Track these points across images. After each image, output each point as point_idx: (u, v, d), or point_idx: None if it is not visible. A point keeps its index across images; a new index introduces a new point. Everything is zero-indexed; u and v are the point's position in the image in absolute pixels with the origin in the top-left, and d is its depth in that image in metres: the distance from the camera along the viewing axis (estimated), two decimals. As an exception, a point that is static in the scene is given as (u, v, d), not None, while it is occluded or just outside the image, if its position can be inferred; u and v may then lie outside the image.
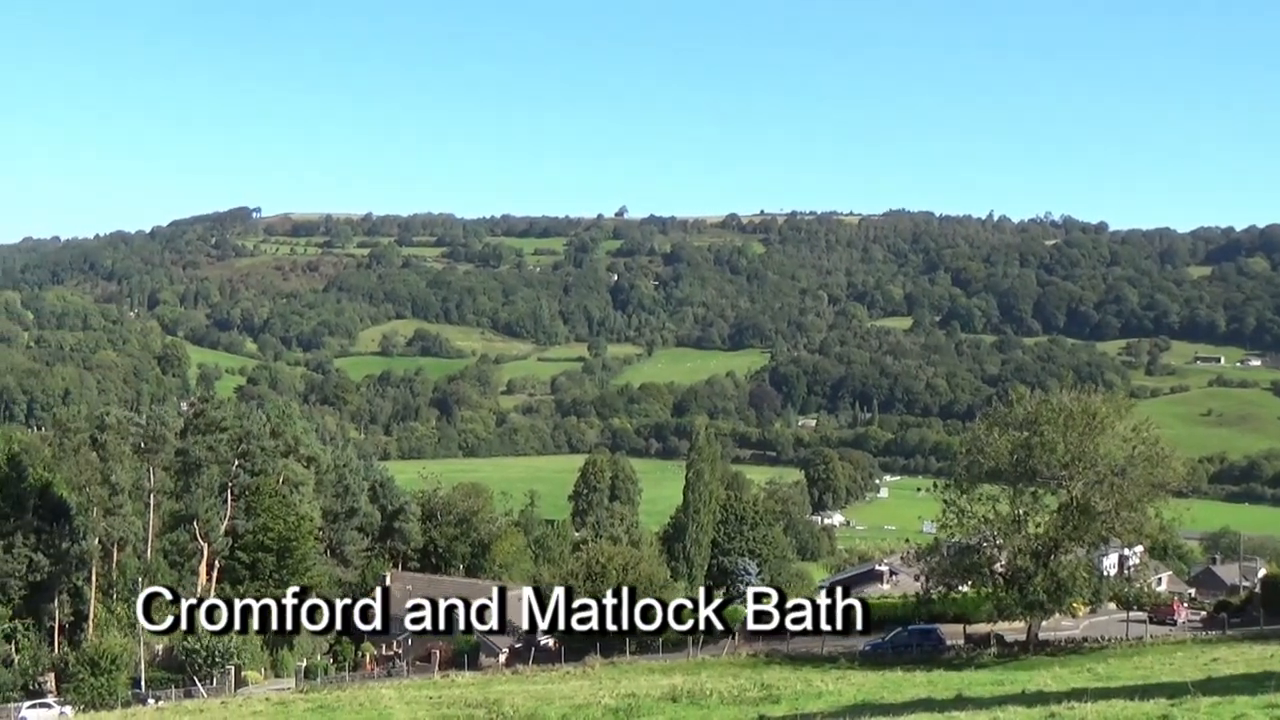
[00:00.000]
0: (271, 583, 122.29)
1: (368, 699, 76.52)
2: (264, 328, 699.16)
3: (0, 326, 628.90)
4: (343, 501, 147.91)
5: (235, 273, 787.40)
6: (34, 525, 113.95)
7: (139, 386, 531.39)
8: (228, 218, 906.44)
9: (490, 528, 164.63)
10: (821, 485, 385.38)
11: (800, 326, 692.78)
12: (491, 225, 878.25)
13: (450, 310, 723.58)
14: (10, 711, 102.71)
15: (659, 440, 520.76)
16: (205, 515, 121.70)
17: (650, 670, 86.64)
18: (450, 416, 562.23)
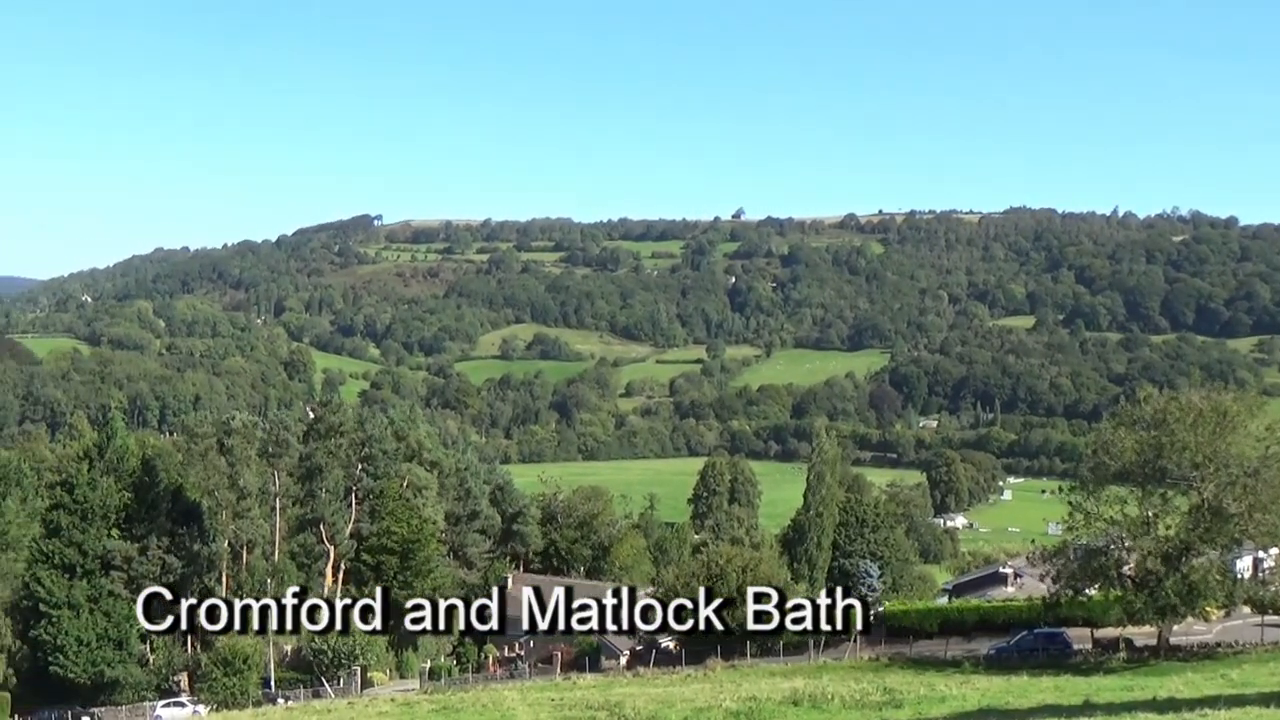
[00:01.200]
0: (395, 584, 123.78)
1: (491, 700, 77.12)
2: (386, 333, 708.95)
3: (134, 334, 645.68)
4: (464, 504, 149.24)
5: (358, 279, 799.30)
6: (167, 528, 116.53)
7: (266, 392, 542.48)
8: (350, 226, 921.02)
9: (610, 530, 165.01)
10: (943, 487, 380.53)
11: (920, 326, 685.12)
12: (609, 229, 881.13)
13: (569, 314, 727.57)
14: (146, 710, 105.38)
15: (778, 442, 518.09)
16: (331, 518, 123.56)
17: (771, 673, 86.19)
18: (569, 419, 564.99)
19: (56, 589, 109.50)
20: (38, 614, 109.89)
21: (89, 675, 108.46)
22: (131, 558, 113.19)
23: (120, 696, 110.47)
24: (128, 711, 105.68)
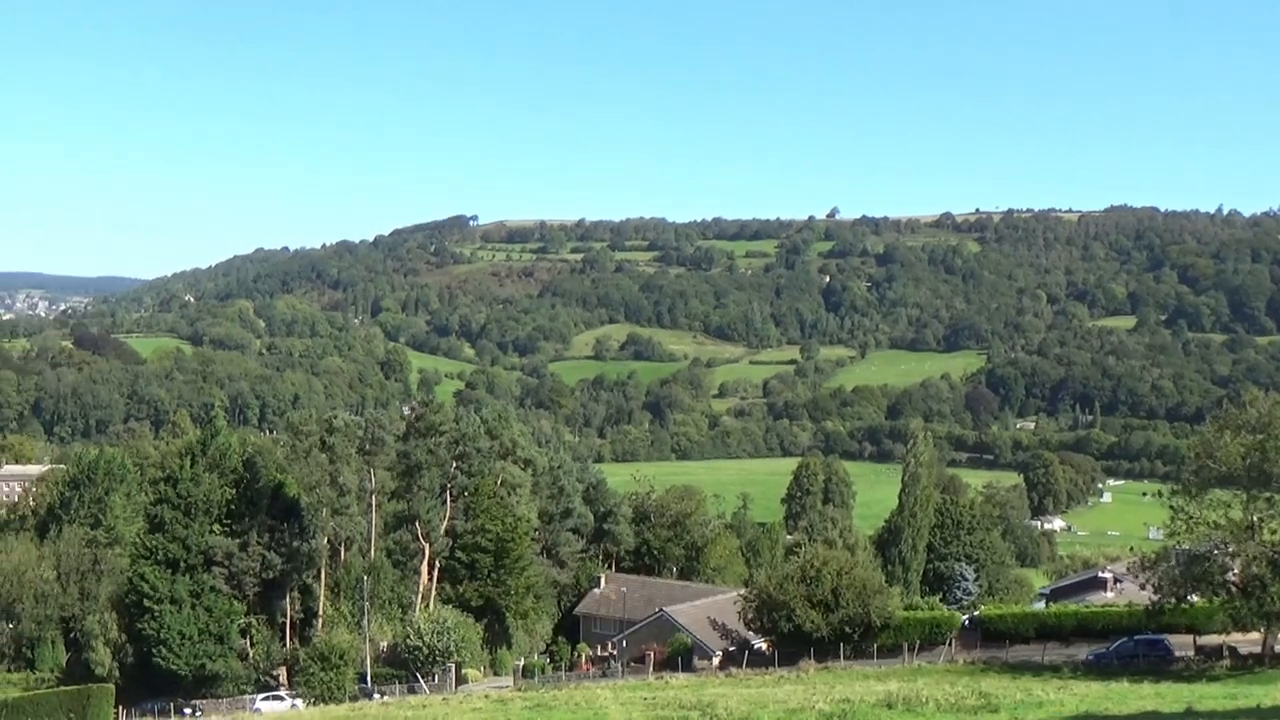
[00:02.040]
0: (489, 582, 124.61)
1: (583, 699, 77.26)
2: (481, 333, 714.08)
3: (235, 334, 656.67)
4: (558, 503, 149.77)
5: (453, 280, 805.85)
6: (267, 524, 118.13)
7: (363, 391, 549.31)
8: (446, 226, 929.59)
9: (703, 530, 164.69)
10: (1041, 489, 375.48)
11: (1018, 327, 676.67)
12: (703, 228, 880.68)
13: (662, 314, 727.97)
14: (245, 703, 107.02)
15: (872, 443, 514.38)
16: (426, 516, 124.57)
17: (865, 676, 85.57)
18: (662, 419, 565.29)
19: (160, 584, 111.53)
20: (141, 608, 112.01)
21: (191, 668, 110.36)
22: (232, 553, 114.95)
23: (220, 690, 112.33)
24: (228, 704, 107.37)
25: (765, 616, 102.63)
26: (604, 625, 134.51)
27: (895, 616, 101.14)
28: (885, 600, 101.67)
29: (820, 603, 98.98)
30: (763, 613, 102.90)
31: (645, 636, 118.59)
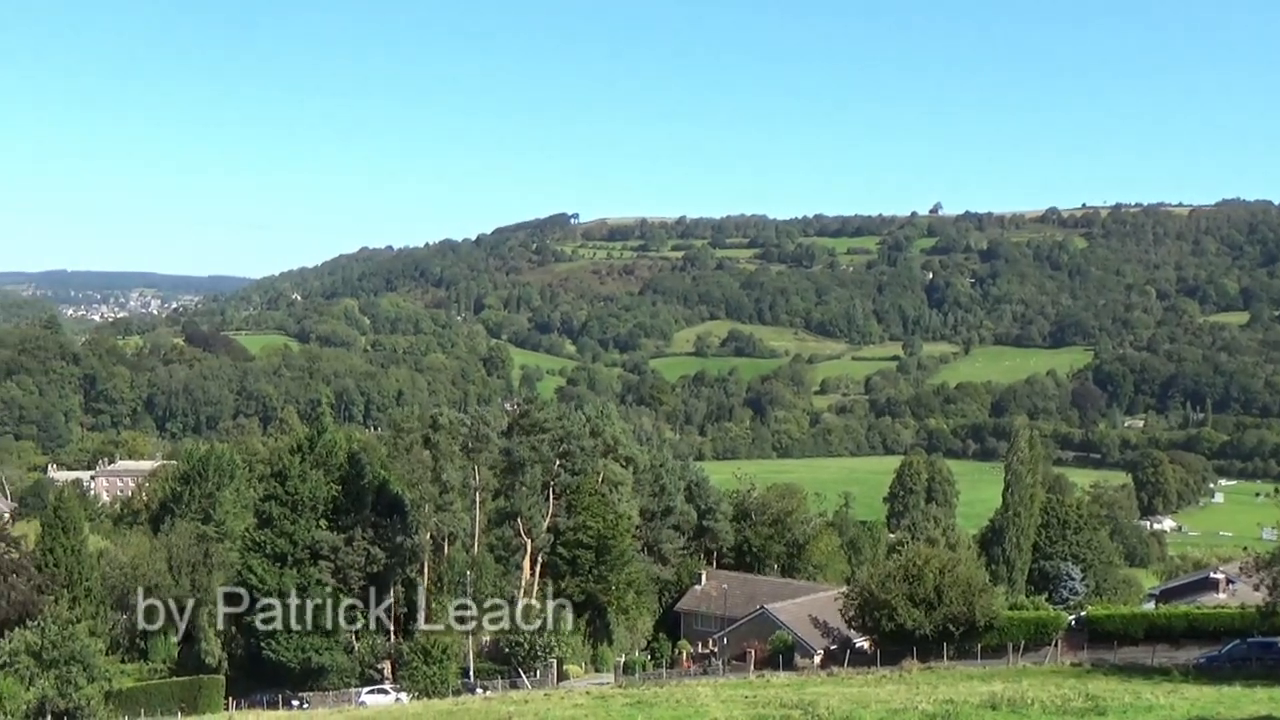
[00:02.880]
0: (591, 579, 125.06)
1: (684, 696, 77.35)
2: (582, 330, 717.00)
3: (340, 331, 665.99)
4: (659, 500, 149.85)
5: (555, 277, 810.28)
6: (371, 520, 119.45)
7: (466, 388, 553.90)
8: (547, 224, 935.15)
9: (804, 528, 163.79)
10: (1150, 489, 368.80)
11: (1126, 323, 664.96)
12: (804, 225, 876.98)
13: (763, 310, 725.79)
14: (351, 696, 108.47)
15: (976, 441, 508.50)
16: (528, 512, 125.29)
17: (969, 677, 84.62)
18: (764, 416, 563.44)
19: (268, 577, 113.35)
20: (251, 601, 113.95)
21: (298, 661, 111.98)
22: (338, 548, 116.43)
23: (327, 682, 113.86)
24: (334, 697, 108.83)
25: (867, 615, 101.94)
26: (705, 622, 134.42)
27: (999, 616, 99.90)
28: (989, 599, 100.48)
29: (923, 601, 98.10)
30: (864, 611, 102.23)
31: (746, 634, 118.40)
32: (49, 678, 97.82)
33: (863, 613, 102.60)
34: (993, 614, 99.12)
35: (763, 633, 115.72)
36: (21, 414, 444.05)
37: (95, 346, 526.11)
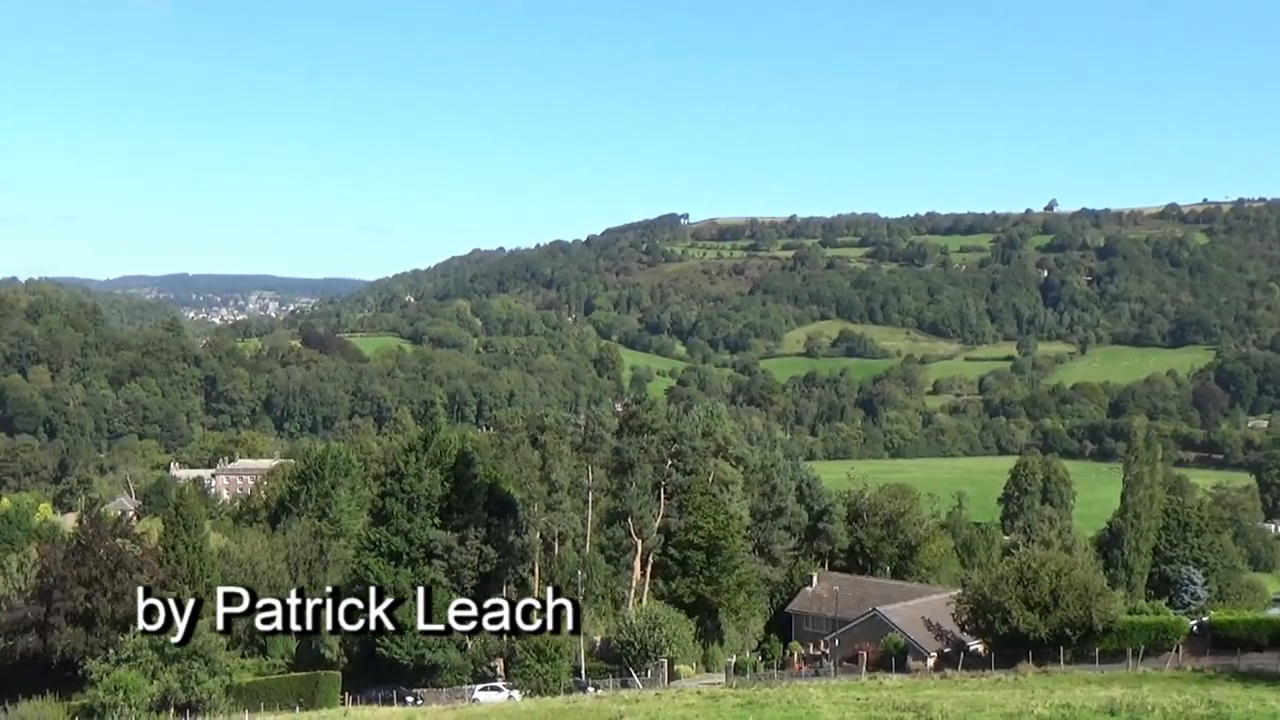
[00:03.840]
0: (702, 579, 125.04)
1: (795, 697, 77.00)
2: (692, 330, 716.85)
3: (453, 333, 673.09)
4: (770, 501, 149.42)
5: (665, 278, 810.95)
6: (483, 519, 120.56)
7: (576, 388, 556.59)
8: (657, 224, 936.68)
9: (917, 530, 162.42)
10: (1276, 491, 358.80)
11: (1249, 321, 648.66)
12: (916, 223, 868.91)
13: (875, 310, 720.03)
14: (464, 693, 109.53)
15: (1093, 442, 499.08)
16: (639, 512, 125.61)
17: (1086, 681, 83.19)
18: (875, 417, 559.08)
19: (384, 575, 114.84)
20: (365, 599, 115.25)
21: (412, 658, 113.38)
22: (451, 547, 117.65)
23: (440, 679, 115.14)
24: (447, 694, 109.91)
25: (980, 617, 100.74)
26: (816, 624, 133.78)
27: (1118, 620, 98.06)
28: (1107, 603, 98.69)
29: (1038, 604, 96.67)
30: (978, 614, 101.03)
31: (858, 636, 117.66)
32: (172, 671, 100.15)
33: (976, 615, 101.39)
34: (1110, 618, 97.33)
35: (874, 635, 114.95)
36: (145, 414, 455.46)
37: (216, 348, 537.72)
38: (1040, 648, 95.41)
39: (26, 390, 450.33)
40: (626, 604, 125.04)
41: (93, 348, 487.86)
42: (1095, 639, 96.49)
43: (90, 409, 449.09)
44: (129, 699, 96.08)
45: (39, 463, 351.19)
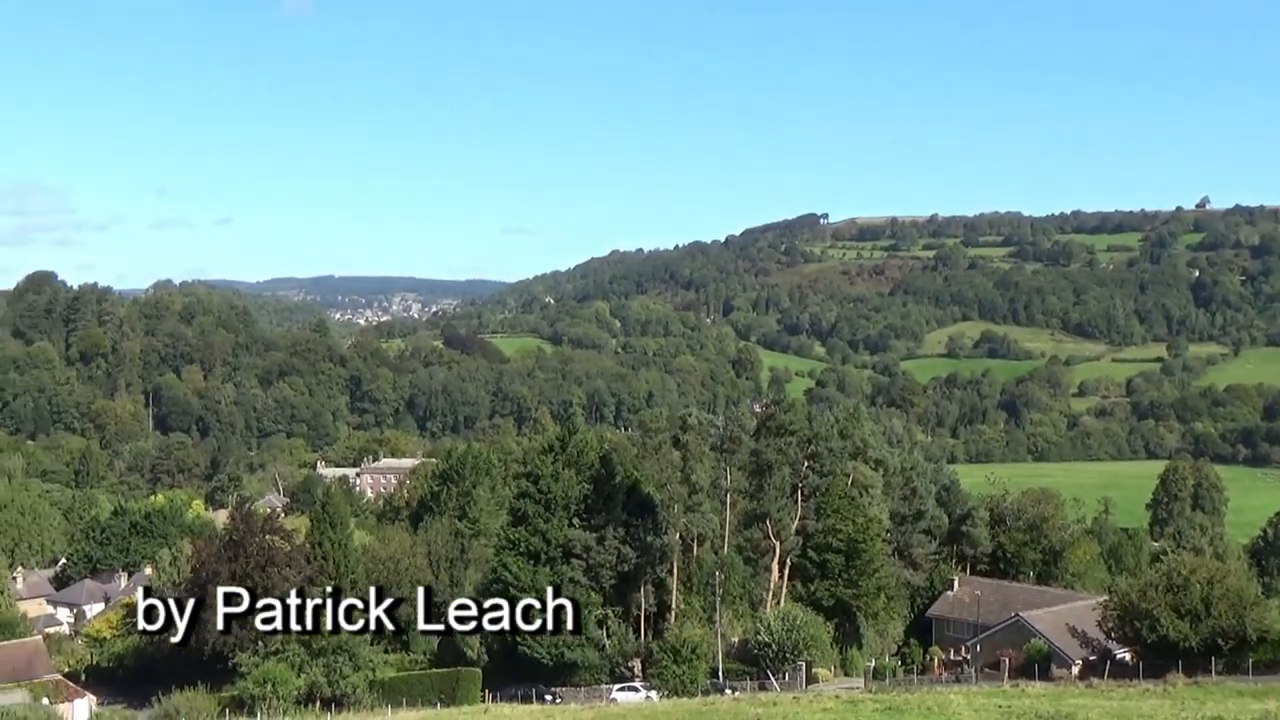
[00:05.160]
0: (840, 582, 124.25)
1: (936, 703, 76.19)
2: (831, 331, 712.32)
3: (592, 334, 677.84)
4: (910, 504, 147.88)
5: (804, 278, 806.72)
6: (622, 519, 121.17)
7: (715, 390, 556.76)
8: (796, 225, 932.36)
9: (1061, 535, 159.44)
10: None
11: None
12: (1061, 222, 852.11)
13: (1018, 311, 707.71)
14: (602, 692, 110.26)
15: (1247, 446, 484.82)
16: (777, 514, 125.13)
17: (1239, 693, 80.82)
18: (1018, 419, 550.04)
19: (522, 574, 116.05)
20: (506, 596, 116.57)
21: (551, 657, 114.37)
22: (590, 547, 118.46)
23: (578, 678, 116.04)
24: (585, 693, 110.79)
25: (1128, 625, 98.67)
26: (957, 628, 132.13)
27: (1273, 630, 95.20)
28: (1262, 613, 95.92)
29: (1188, 613, 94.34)
30: (1125, 621, 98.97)
31: (1000, 642, 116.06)
32: (318, 665, 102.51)
33: (1123, 623, 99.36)
34: (1265, 628, 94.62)
35: (1017, 641, 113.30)
36: (293, 413, 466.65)
37: (360, 349, 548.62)
38: (1191, 657, 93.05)
39: (180, 390, 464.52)
40: (764, 606, 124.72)
41: (243, 348, 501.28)
42: (1249, 649, 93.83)
43: (241, 408, 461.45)
44: (277, 691, 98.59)
45: (192, 460, 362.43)
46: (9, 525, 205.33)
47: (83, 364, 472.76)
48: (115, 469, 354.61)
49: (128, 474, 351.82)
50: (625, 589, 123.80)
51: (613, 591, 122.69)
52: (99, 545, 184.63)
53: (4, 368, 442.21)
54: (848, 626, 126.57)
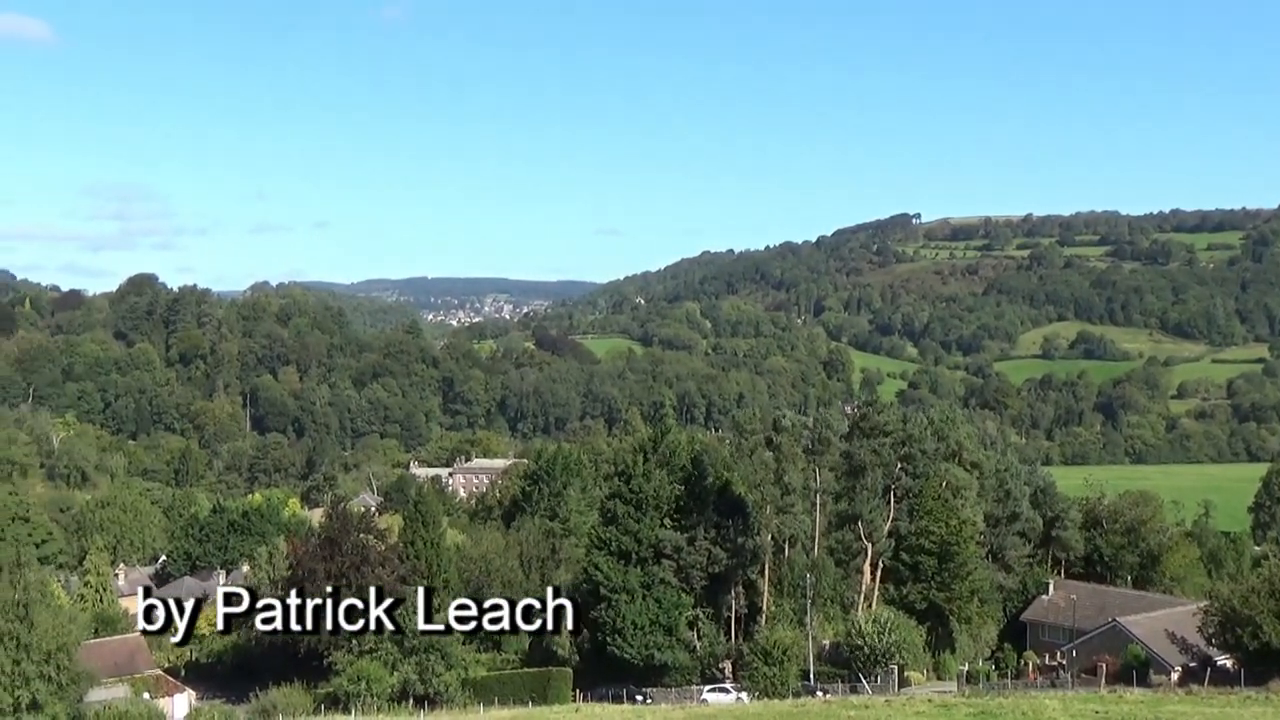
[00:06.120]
0: (933, 585, 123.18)
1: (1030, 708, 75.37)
2: (924, 332, 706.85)
3: (682, 335, 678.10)
4: (1004, 506, 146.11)
5: (895, 278, 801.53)
6: (713, 521, 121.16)
7: (806, 391, 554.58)
8: (888, 225, 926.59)
9: (1160, 538, 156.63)
10: None
11: None
12: (1159, 221, 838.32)
13: (1115, 311, 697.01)
14: (693, 693, 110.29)
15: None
16: (869, 516, 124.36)
17: (1345, 701, 79.04)
18: (1115, 421, 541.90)
19: (613, 574, 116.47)
20: (597, 597, 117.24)
21: (641, 657, 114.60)
22: (681, 547, 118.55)
23: (669, 679, 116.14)
24: (676, 694, 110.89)
25: (1229, 631, 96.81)
26: (1052, 633, 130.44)
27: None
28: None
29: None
30: (1226, 627, 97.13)
31: (1096, 647, 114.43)
32: (411, 664, 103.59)
33: (1224, 629, 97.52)
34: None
35: (1114, 646, 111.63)
36: (386, 414, 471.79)
37: (453, 350, 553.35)
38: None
39: (277, 390, 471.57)
40: (856, 608, 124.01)
41: (338, 349, 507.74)
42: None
43: (335, 408, 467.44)
44: (371, 689, 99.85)
45: (288, 460, 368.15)
46: (111, 523, 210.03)
47: (182, 365, 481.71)
48: (214, 468, 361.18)
49: (226, 473, 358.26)
50: (716, 590, 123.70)
51: (703, 592, 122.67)
52: (198, 543, 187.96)
53: (106, 369, 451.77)
54: (940, 630, 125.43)
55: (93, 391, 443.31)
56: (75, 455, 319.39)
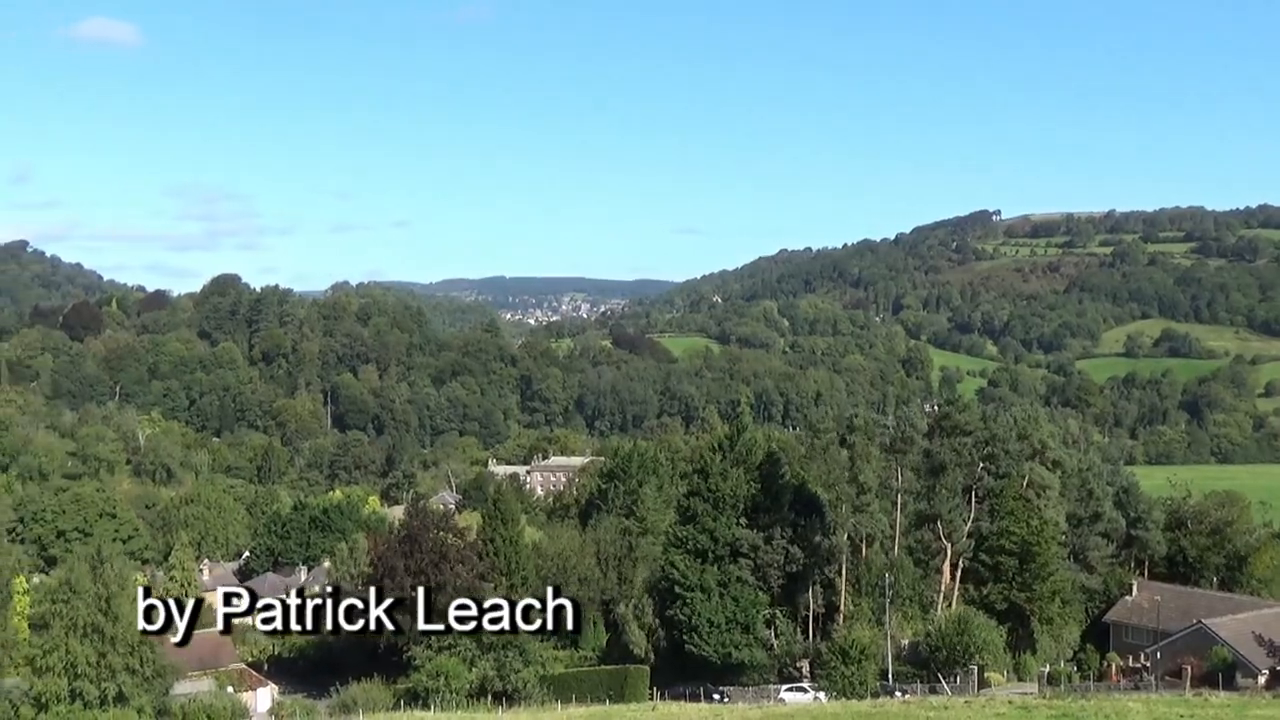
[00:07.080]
0: (1014, 586, 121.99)
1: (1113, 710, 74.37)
2: (1004, 330, 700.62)
3: (760, 333, 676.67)
4: (1086, 506, 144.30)
5: (975, 276, 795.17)
6: (790, 519, 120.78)
7: (884, 389, 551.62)
8: (968, 222, 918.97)
9: (1247, 539, 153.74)
10: None
11: None
12: (1247, 216, 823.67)
13: (1200, 308, 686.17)
14: (770, 692, 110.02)
15: None
16: (949, 516, 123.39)
17: None
18: (1200, 420, 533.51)
19: (690, 572, 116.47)
20: (673, 595, 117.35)
21: (718, 655, 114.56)
22: (758, 546, 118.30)
23: (746, 678, 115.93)
24: (753, 693, 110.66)
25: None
26: (1135, 635, 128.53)
27: None
28: None
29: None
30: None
31: (1180, 649, 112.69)
32: (489, 660, 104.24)
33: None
34: None
35: (1199, 649, 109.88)
36: (465, 412, 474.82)
37: (530, 349, 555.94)
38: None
39: (357, 389, 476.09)
40: (935, 608, 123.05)
41: (417, 348, 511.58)
42: None
43: (414, 406, 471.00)
44: (449, 685, 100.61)
45: (368, 457, 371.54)
46: (196, 519, 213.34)
47: (264, 364, 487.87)
48: (295, 465, 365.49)
49: (307, 470, 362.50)
50: (793, 589, 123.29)
51: (780, 591, 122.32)
52: (280, 539, 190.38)
53: (191, 368, 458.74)
54: (1021, 631, 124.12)
55: (178, 390, 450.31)
56: (160, 452, 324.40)
